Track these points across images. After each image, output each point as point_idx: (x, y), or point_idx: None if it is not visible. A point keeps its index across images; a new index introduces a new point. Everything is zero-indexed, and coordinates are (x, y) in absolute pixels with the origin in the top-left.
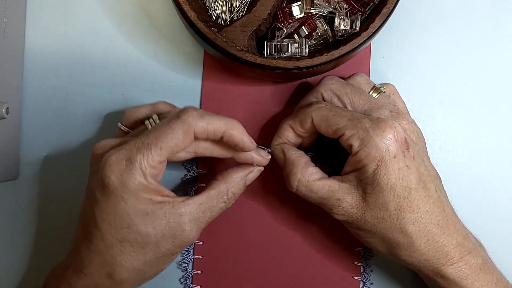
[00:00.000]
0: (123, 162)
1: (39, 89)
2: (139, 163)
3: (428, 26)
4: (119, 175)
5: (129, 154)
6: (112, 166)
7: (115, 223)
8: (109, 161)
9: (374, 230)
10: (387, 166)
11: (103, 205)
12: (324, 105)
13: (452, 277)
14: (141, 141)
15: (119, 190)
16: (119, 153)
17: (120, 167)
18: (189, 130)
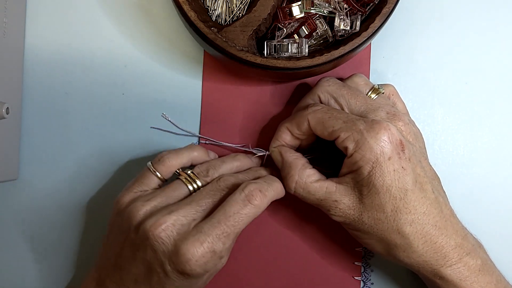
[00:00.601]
0: (208, 255)
1: (39, 89)
2: (220, 251)
3: (428, 26)
4: (204, 266)
5: (213, 247)
6: (199, 261)
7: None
8: (195, 255)
9: (371, 231)
10: (382, 168)
11: (177, 283)
12: (320, 108)
13: (451, 278)
14: (221, 231)
15: (200, 276)
16: (204, 246)
17: (206, 259)
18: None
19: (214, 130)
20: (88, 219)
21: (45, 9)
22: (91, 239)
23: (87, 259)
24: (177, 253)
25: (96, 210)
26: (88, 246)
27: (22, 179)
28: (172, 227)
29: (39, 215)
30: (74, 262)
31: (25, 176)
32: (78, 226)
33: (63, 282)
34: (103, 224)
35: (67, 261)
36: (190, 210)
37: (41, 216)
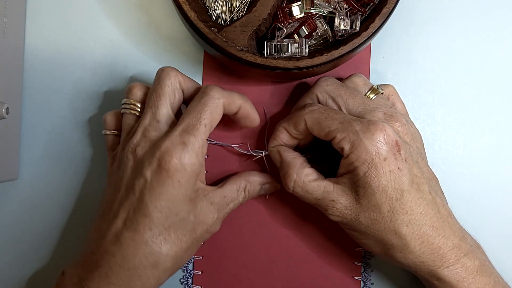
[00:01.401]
0: (179, 146)
1: (39, 89)
2: (192, 144)
3: (428, 26)
4: (179, 158)
5: (181, 138)
6: (170, 151)
7: (166, 210)
8: (166, 148)
9: (368, 231)
10: (378, 169)
11: (156, 191)
12: (317, 108)
13: (448, 279)
14: (187, 123)
15: (178, 173)
16: (172, 140)
17: (178, 151)
18: (220, 103)
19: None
20: (88, 219)
21: (45, 9)
22: None
23: None
24: (153, 153)
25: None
26: None
27: (22, 179)
28: (143, 138)
29: (39, 215)
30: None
31: (25, 176)
32: (78, 226)
33: None
34: None
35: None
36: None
37: (41, 216)
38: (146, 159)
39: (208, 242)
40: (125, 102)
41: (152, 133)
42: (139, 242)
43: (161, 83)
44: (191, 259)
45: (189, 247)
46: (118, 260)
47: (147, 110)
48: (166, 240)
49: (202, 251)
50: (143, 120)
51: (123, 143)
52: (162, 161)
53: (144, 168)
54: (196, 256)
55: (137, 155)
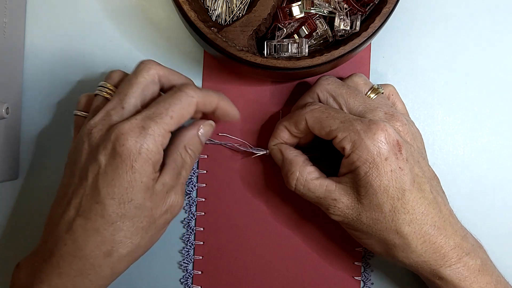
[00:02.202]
0: (136, 129)
1: (39, 89)
2: (152, 130)
3: (428, 26)
4: (134, 141)
5: (142, 123)
6: (126, 134)
7: (119, 196)
8: (122, 130)
9: (370, 231)
10: (379, 168)
11: (109, 177)
12: (318, 107)
13: (450, 278)
14: (152, 111)
15: (132, 157)
16: (131, 122)
17: (134, 134)
18: (193, 101)
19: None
20: None
21: (45, 9)
22: None
23: None
24: (109, 135)
25: None
26: None
27: (22, 179)
28: (103, 120)
29: (39, 215)
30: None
31: (25, 176)
32: None
33: None
34: None
35: None
36: (114, 100)
37: (41, 216)
38: (101, 142)
39: (208, 242)
40: (101, 84)
41: (113, 117)
42: (90, 230)
43: (137, 73)
44: (191, 260)
45: (147, 234)
46: (69, 249)
47: (115, 96)
48: (119, 227)
49: (202, 251)
50: (108, 104)
51: (85, 124)
52: (116, 143)
53: (98, 153)
54: (196, 256)
55: (92, 137)
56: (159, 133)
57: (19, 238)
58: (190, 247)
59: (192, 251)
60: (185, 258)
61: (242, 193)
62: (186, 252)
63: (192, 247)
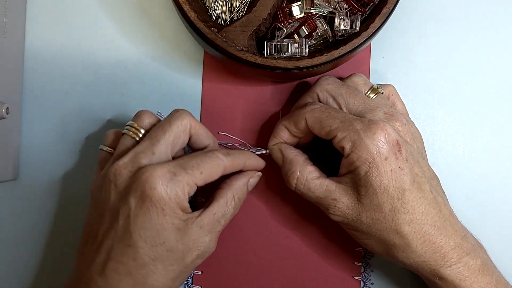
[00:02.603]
0: (167, 174)
1: (39, 89)
2: (182, 177)
3: (428, 26)
4: (165, 185)
5: (173, 169)
6: (157, 177)
7: (151, 239)
8: (153, 173)
9: (370, 231)
10: (379, 168)
11: (140, 220)
12: (318, 107)
13: (451, 278)
14: (184, 162)
15: (162, 201)
16: (163, 166)
17: (165, 179)
18: (222, 164)
19: (214, 130)
20: None
21: (45, 9)
22: None
23: None
24: (138, 177)
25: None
26: None
27: (22, 179)
28: (132, 162)
29: (39, 215)
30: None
31: (25, 176)
32: (78, 226)
33: (63, 281)
34: None
35: (67, 261)
36: (145, 143)
37: (41, 216)
38: (130, 184)
39: None
40: (130, 124)
41: (142, 160)
42: (123, 273)
43: (172, 121)
44: None
45: (177, 276)
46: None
47: (146, 139)
48: (151, 271)
49: None
50: (138, 147)
51: (111, 162)
52: (146, 186)
53: (128, 195)
54: None
55: (121, 178)
56: (187, 182)
57: (19, 238)
58: None
59: None
60: None
61: None
62: None
63: None
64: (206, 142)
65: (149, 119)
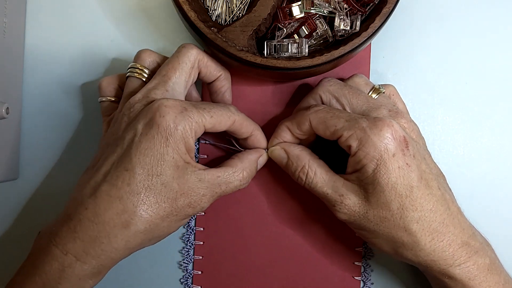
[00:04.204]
0: (179, 107)
1: (39, 89)
2: (193, 114)
3: (428, 26)
4: (174, 116)
5: (185, 105)
6: (169, 108)
7: (149, 167)
8: (165, 102)
9: (377, 230)
10: (387, 165)
11: (143, 145)
12: (322, 108)
13: (460, 277)
14: (196, 103)
15: (168, 131)
16: (176, 100)
17: (176, 111)
18: (233, 117)
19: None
20: None
21: (45, 9)
22: None
23: None
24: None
25: None
26: None
27: (22, 179)
28: (146, 97)
29: (39, 215)
30: None
31: (25, 176)
32: None
33: None
34: None
35: None
36: (156, 80)
37: (41, 216)
38: (141, 112)
39: (208, 242)
40: (132, 66)
41: (156, 93)
42: (114, 196)
43: (180, 57)
44: (191, 260)
45: (167, 216)
46: (89, 213)
47: (156, 77)
48: (142, 200)
49: (202, 251)
50: (150, 83)
51: (122, 104)
52: (157, 113)
53: (137, 122)
54: (196, 256)
55: (134, 110)
56: (197, 121)
57: (19, 238)
58: (190, 247)
59: (192, 251)
60: (185, 258)
61: (242, 193)
62: (186, 252)
63: (192, 247)
64: (217, 74)
65: (150, 57)
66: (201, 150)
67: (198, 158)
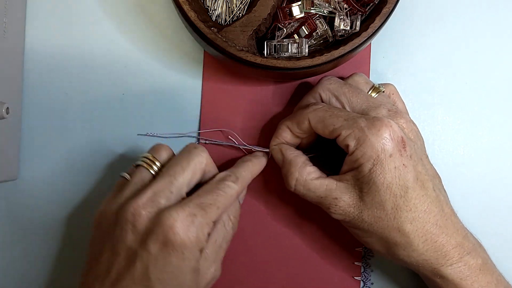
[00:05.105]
0: (189, 218)
1: (39, 89)
2: (203, 218)
3: (428, 26)
4: (186, 230)
5: (193, 211)
6: (180, 222)
7: (168, 282)
8: (176, 218)
9: (371, 229)
10: (383, 165)
11: (160, 264)
12: (321, 107)
13: (451, 277)
14: (202, 201)
15: (183, 245)
16: (184, 210)
17: (187, 223)
18: (235, 192)
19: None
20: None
21: (45, 9)
22: None
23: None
24: (160, 222)
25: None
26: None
27: (22, 179)
28: (151, 202)
29: (39, 215)
30: (75, 262)
31: (25, 176)
32: (78, 225)
33: (63, 282)
34: None
35: (67, 261)
36: (164, 181)
37: (41, 216)
38: (151, 228)
39: None
40: (147, 156)
41: (161, 201)
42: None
43: (190, 158)
44: None
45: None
46: None
47: (164, 176)
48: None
49: None
50: (156, 184)
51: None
52: (170, 232)
53: (148, 239)
54: None
55: (141, 220)
56: (207, 222)
57: (18, 238)
58: None
59: None
60: None
61: None
62: None
63: None
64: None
65: (166, 154)
66: None
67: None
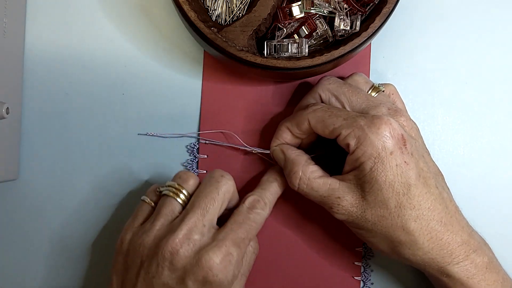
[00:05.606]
0: (227, 259)
1: (39, 89)
2: (238, 256)
3: (428, 26)
4: (225, 271)
5: (230, 250)
6: (219, 264)
7: None
8: (214, 259)
9: (375, 229)
10: (384, 163)
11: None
12: (320, 107)
13: (458, 276)
14: (235, 236)
15: (221, 285)
16: (221, 251)
17: (225, 263)
18: (265, 218)
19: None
20: (88, 218)
21: (45, 9)
22: (92, 238)
23: (87, 259)
24: (199, 263)
25: (97, 209)
26: (89, 245)
27: (22, 179)
28: (187, 240)
29: (39, 215)
30: (75, 262)
31: (25, 176)
32: (78, 225)
33: (63, 282)
34: (104, 223)
35: (67, 261)
36: (196, 215)
37: (41, 216)
38: (190, 267)
39: None
40: (172, 185)
41: (196, 237)
42: None
43: (219, 188)
44: None
45: None
46: None
47: (195, 209)
48: None
49: None
50: (190, 219)
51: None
52: (209, 274)
53: (187, 278)
54: None
55: (178, 258)
56: (242, 258)
57: (18, 239)
58: None
59: None
60: None
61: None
62: None
63: None
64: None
65: (194, 182)
66: (201, 150)
67: (198, 158)
